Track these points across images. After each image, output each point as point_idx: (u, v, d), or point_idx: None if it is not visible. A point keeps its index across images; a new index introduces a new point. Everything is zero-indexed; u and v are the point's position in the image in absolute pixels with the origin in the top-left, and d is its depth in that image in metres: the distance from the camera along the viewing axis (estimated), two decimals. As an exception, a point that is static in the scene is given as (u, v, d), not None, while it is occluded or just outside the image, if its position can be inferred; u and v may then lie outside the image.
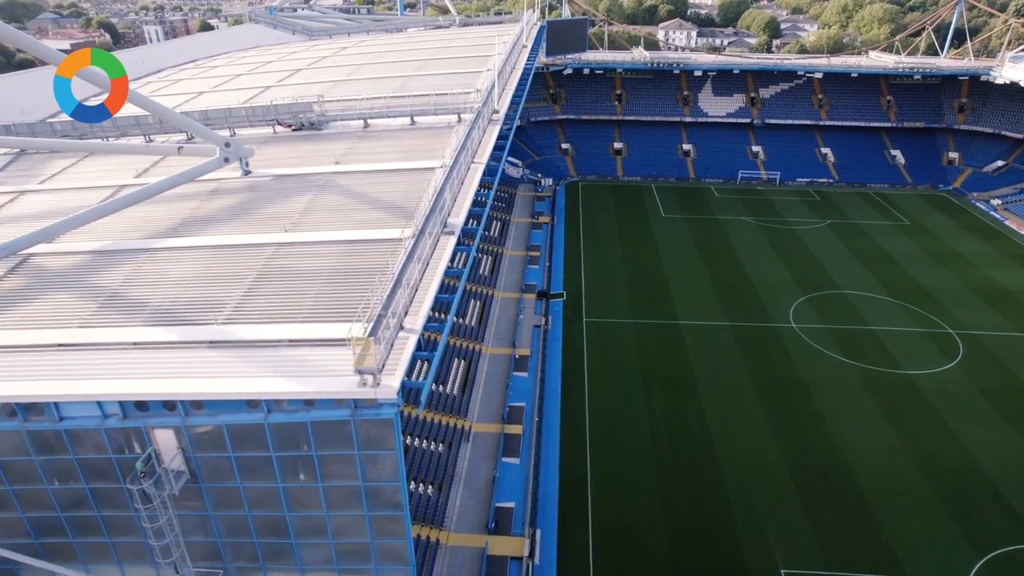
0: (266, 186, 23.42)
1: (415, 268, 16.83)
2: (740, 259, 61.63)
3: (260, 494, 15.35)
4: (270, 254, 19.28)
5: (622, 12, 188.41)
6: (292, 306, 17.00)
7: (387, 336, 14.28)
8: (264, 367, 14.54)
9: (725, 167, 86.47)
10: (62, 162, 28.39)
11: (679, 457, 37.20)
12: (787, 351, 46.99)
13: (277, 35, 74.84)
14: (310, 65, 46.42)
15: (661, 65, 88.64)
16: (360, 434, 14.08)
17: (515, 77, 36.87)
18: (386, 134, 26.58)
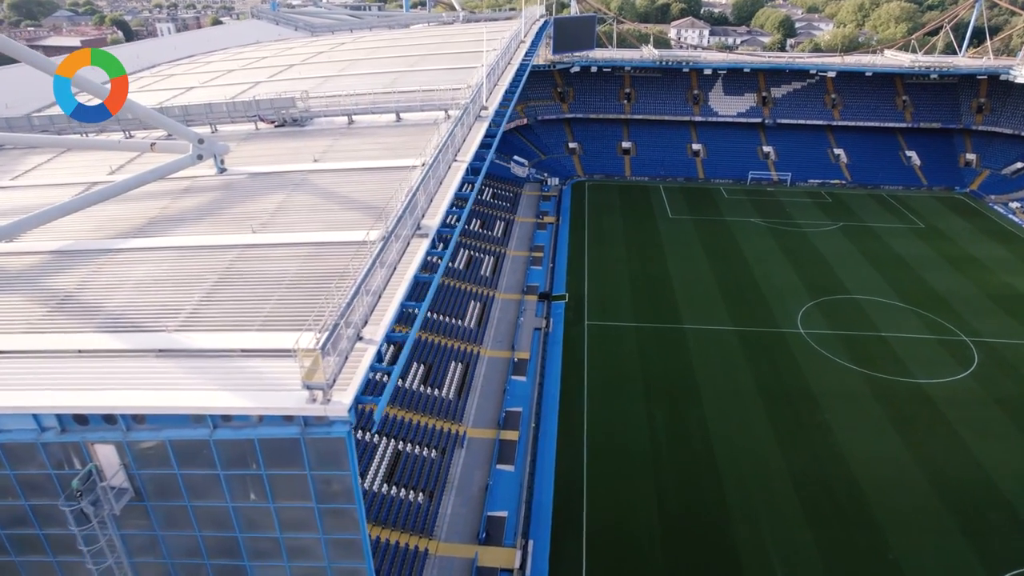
0: (240, 185, 22.56)
1: (380, 274, 15.84)
2: (748, 261, 60.18)
3: (210, 513, 14.44)
4: (234, 256, 18.39)
5: (634, 10, 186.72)
6: (250, 313, 16.07)
7: (342, 348, 13.32)
8: (211, 379, 13.61)
9: (735, 167, 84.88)
10: (38, 158, 27.72)
11: (679, 466, 35.99)
12: (794, 357, 45.59)
13: (279, 31, 74.27)
14: (304, 61, 45.57)
15: (670, 63, 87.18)
16: (311, 453, 13.12)
17: (509, 73, 35.78)
18: (370, 131, 25.66)
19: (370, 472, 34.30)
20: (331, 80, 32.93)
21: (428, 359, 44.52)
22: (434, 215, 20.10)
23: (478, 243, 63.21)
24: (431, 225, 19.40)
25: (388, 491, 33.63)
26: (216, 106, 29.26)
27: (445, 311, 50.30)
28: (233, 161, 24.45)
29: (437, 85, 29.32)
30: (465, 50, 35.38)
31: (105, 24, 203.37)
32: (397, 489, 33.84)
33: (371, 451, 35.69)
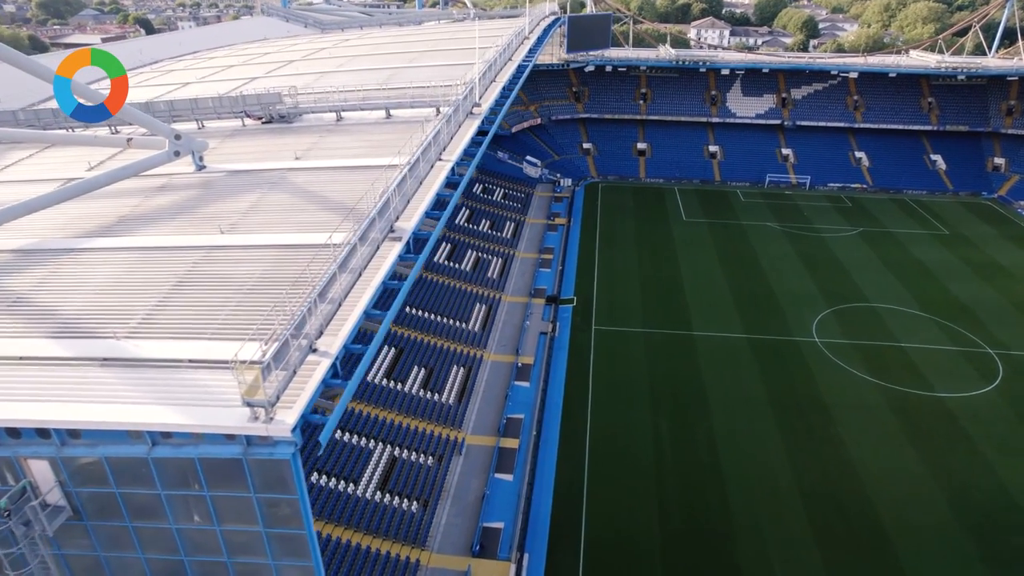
0: (216, 183, 21.78)
1: (342, 280, 14.87)
2: (763, 267, 58.48)
3: (153, 535, 13.58)
4: (198, 259, 17.54)
5: (654, 10, 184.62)
6: (204, 320, 15.17)
7: (292, 361, 12.35)
8: (152, 393, 12.72)
9: (752, 170, 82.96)
10: (20, 153, 27.25)
11: (684, 479, 34.64)
12: (808, 367, 43.93)
13: (288, 28, 73.99)
14: (305, 57, 44.90)
15: (687, 63, 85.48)
16: (255, 475, 12.18)
17: (508, 70, 34.64)
18: (357, 128, 24.78)
19: (363, 479, 33.43)
20: (327, 76, 32.16)
21: (429, 363, 43.59)
22: (410, 217, 19.07)
23: (486, 244, 62.23)
24: (406, 228, 18.38)
25: (381, 499, 32.71)
26: (202, 101, 28.54)
27: (449, 314, 49.36)
28: (215, 158, 23.69)
29: (433, 81, 28.40)
30: (468, 46, 34.40)
31: (128, 23, 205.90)
32: (391, 497, 32.91)
33: (365, 457, 34.83)
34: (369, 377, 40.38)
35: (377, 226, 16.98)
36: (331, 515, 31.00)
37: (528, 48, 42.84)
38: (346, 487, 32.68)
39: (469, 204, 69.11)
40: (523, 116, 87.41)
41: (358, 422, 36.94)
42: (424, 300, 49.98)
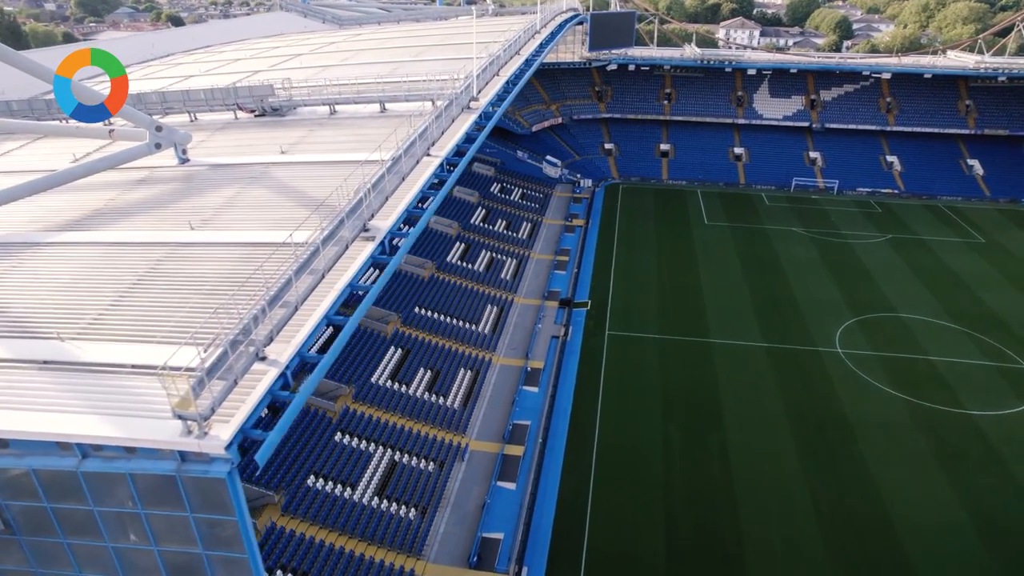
0: (197, 176, 21.05)
1: (304, 282, 13.90)
2: (786, 273, 56.47)
3: (89, 553, 12.76)
4: (163, 256, 16.76)
5: (683, 10, 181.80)
6: (158, 322, 14.31)
7: (237, 368, 11.40)
8: (87, 400, 11.88)
9: (778, 173, 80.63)
10: (11, 144, 26.90)
11: (693, 494, 33.18)
12: (829, 379, 42.04)
13: (305, 23, 73.75)
14: (313, 51, 44.29)
15: (712, 63, 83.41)
16: (190, 493, 11.26)
17: (513, 65, 33.44)
18: (350, 121, 23.94)
19: (361, 483, 32.60)
20: (330, 69, 31.44)
21: (436, 365, 42.68)
22: (387, 216, 18.04)
23: (501, 244, 61.21)
24: (381, 227, 17.34)
25: (379, 505, 31.84)
26: (193, 93, 27.92)
27: (459, 315, 48.42)
28: (201, 151, 23.03)
29: (436, 75, 27.43)
30: (478, 40, 33.44)
31: (161, 20, 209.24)
32: (388, 503, 32.03)
33: (365, 461, 34.00)
34: (374, 379, 39.63)
35: (348, 224, 16.02)
36: (325, 520, 30.20)
37: (539, 43, 41.57)
38: (343, 491, 31.87)
39: (485, 204, 68.19)
40: (544, 115, 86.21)
41: (359, 424, 36.14)
42: (434, 301, 49.11)
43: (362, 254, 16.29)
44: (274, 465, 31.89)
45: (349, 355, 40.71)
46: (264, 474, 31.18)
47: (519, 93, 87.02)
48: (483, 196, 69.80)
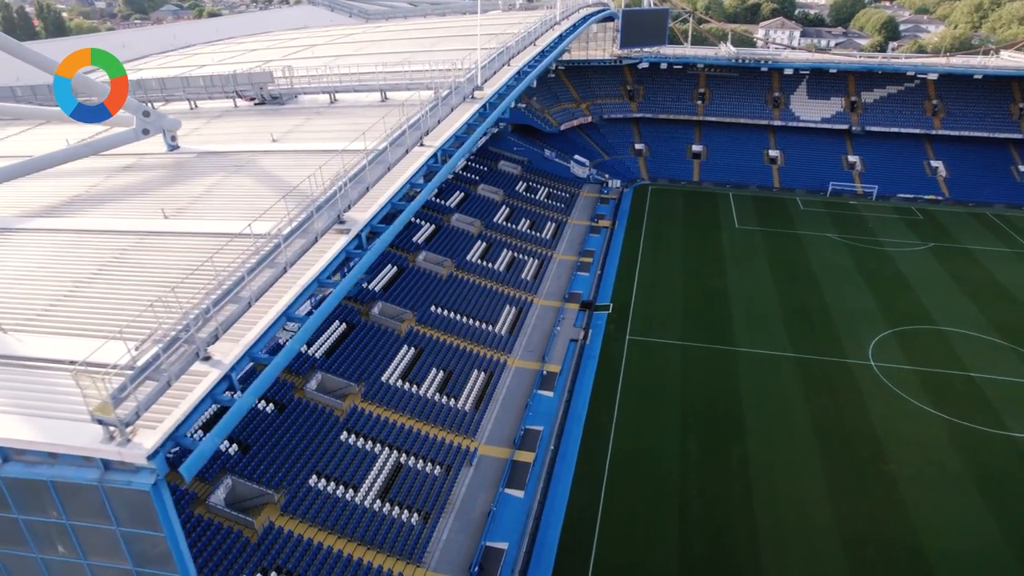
0: (182, 164, 20.39)
1: (263, 276, 12.93)
2: (818, 280, 54.10)
3: (20, 563, 11.97)
4: (129, 244, 16.05)
5: (722, 11, 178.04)
6: (110, 316, 13.50)
7: (173, 369, 10.45)
8: (13, 398, 11.06)
9: (814, 177, 77.77)
10: (14, 129, 26.73)
11: (710, 510, 31.55)
12: (860, 394, 39.85)
13: (332, 17, 73.51)
14: (329, 42, 43.77)
15: (747, 62, 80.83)
16: (115, 505, 10.37)
17: (526, 55, 32.15)
18: (349, 110, 23.09)
19: (364, 485, 31.78)
20: (342, 59, 30.70)
21: (449, 365, 41.73)
22: (366, 208, 17.00)
23: (524, 244, 60.05)
24: (358, 220, 16.30)
25: (381, 508, 30.98)
26: (193, 80, 27.39)
27: (476, 315, 47.42)
28: (193, 139, 22.45)
29: (447, 64, 26.44)
30: (497, 31, 32.38)
31: (203, 17, 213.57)
32: (391, 507, 31.15)
33: (369, 462, 33.20)
34: (384, 378, 38.86)
35: (321, 215, 15.04)
36: (325, 522, 29.43)
37: (557, 34, 40.20)
38: (345, 493, 31.09)
39: (510, 202, 67.12)
40: (573, 114, 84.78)
41: (366, 424, 35.38)
42: (451, 300, 48.20)
43: (333, 247, 15.28)
44: (276, 463, 31.28)
45: (360, 353, 40.03)
46: (265, 472, 30.59)
47: (548, 91, 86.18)
48: (508, 195, 68.75)
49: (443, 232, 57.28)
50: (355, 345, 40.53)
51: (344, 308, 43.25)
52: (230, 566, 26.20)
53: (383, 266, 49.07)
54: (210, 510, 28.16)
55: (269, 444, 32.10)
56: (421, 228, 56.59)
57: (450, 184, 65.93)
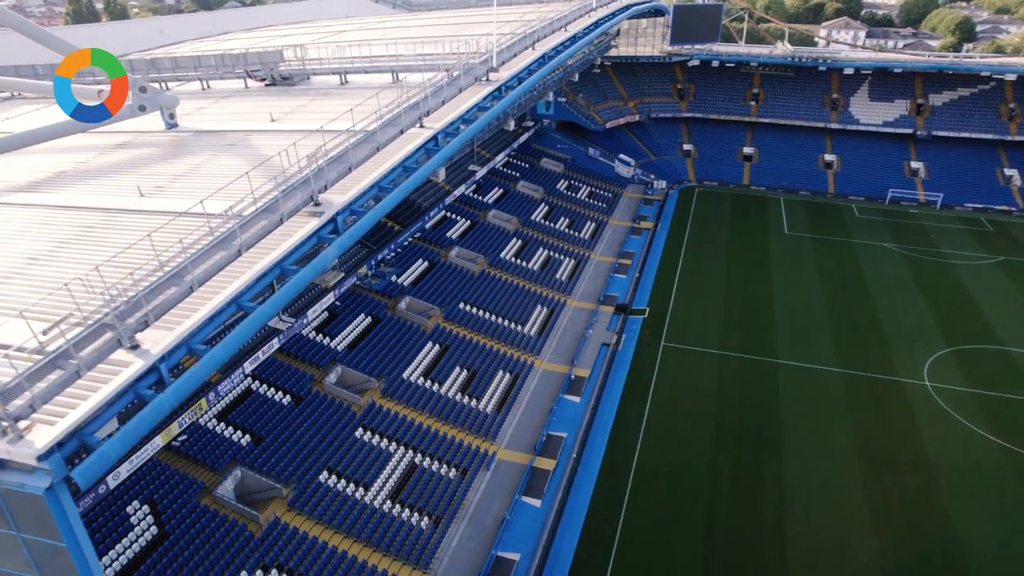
0: (176, 143, 19.71)
1: (214, 259, 11.82)
2: (871, 292, 50.76)
3: None
4: (95, 222, 15.28)
5: (783, 11, 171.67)
6: (48, 296, 12.49)
7: (85, 356, 9.40)
8: None
9: (873, 184, 73.55)
10: (30, 106, 26.78)
11: (738, 534, 29.46)
12: (911, 415, 36.90)
13: (374, 8, 73.13)
14: (361, 28, 43.12)
15: (804, 60, 76.88)
16: (13, 509, 9.35)
17: (553, 39, 30.48)
18: (358, 91, 22.04)
19: (376, 484, 30.91)
20: (368, 44, 29.84)
21: (474, 365, 40.61)
22: (348, 189, 15.76)
23: (561, 243, 58.51)
24: (336, 201, 15.07)
25: (390, 509, 30.05)
26: (204, 59, 26.87)
27: (506, 314, 46.18)
28: (195, 118, 21.86)
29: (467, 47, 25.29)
30: (530, 17, 31.01)
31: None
32: (401, 508, 30.19)
33: (383, 461, 32.34)
34: (406, 374, 38.01)
35: (294, 196, 13.91)
36: (332, 520, 28.67)
37: (593, 20, 38.31)
38: (355, 491, 30.29)
39: (550, 200, 65.69)
40: (620, 112, 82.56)
41: (383, 421, 34.57)
42: (481, 297, 47.10)
43: (301, 231, 14.11)
44: (288, 456, 30.73)
45: (383, 348, 39.30)
46: (276, 465, 30.05)
47: (595, 88, 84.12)
48: (548, 192, 67.33)
49: (478, 228, 56.28)
50: (379, 340, 39.82)
51: (370, 302, 42.64)
52: (231, 560, 25.65)
53: (413, 260, 48.35)
54: (216, 501, 27.74)
55: (282, 437, 31.60)
56: (456, 223, 55.73)
57: (489, 180, 64.90)
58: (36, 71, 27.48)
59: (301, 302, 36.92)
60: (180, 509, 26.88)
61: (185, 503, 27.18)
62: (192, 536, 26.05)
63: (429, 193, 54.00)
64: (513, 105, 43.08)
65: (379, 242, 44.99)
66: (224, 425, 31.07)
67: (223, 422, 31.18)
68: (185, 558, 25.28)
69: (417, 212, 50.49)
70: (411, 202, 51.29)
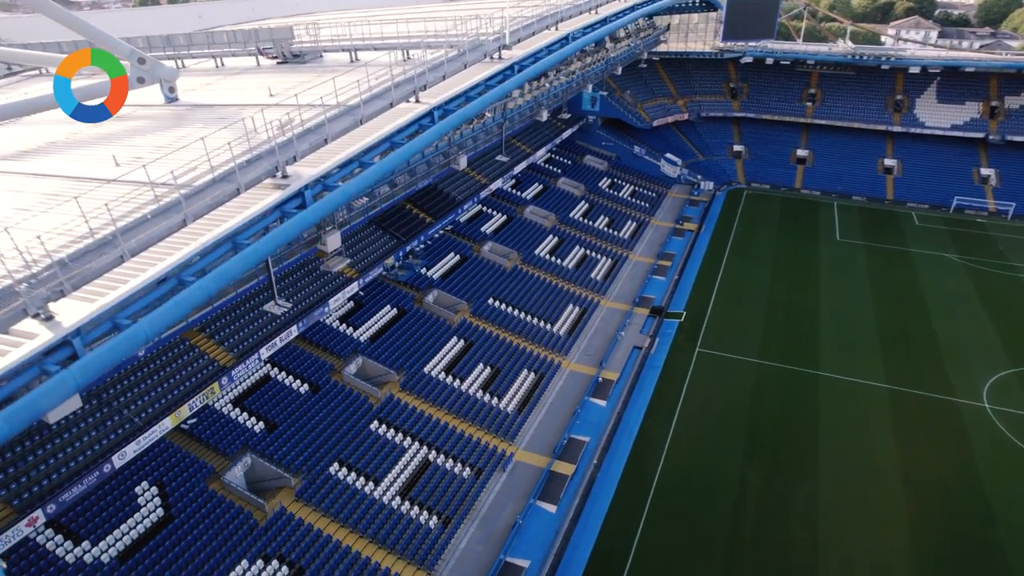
0: (171, 116, 19.21)
1: (158, 227, 10.95)
2: (928, 305, 47.42)
3: None
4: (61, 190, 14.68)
5: (849, 10, 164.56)
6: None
7: None
8: None
9: (937, 191, 69.14)
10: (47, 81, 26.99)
11: (763, 556, 27.56)
12: (967, 440, 34.03)
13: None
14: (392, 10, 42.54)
15: (865, 59, 72.78)
16: None
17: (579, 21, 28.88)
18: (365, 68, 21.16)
19: (386, 479, 30.22)
20: (394, 24, 29.19)
21: (498, 362, 39.58)
22: (318, 163, 14.71)
23: (599, 242, 56.92)
24: (304, 175, 14.00)
25: (399, 506, 29.27)
26: (217, 35, 26.54)
27: (536, 312, 44.98)
28: (200, 94, 21.39)
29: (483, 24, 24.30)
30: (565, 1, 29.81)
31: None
32: (411, 506, 29.37)
33: (396, 455, 31.62)
34: (427, 369, 37.27)
35: (255, 167, 13.00)
36: (339, 514, 28.08)
37: (629, 4, 36.53)
38: (364, 485, 29.63)
39: (590, 198, 64.16)
40: (668, 110, 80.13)
41: (400, 415, 33.86)
42: (512, 294, 46.03)
43: (261, 203, 13.14)
44: (300, 446, 30.31)
45: (407, 340, 38.65)
46: (288, 454, 29.65)
47: (643, 84, 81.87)
48: (589, 190, 65.78)
49: (514, 223, 55.21)
50: (403, 332, 39.19)
51: (397, 293, 42.09)
52: (233, 548, 25.31)
53: (445, 253, 47.64)
54: (224, 487, 27.48)
55: (296, 425, 31.23)
56: (491, 218, 54.81)
57: (528, 175, 63.80)
58: (61, 47, 27.86)
59: (323, 291, 36.59)
60: (187, 493, 26.72)
61: (193, 487, 27.00)
62: (196, 521, 25.83)
63: (464, 186, 53.22)
64: (549, 96, 41.85)
65: (408, 234, 44.41)
66: (239, 411, 30.88)
67: (238, 407, 30.99)
68: (188, 542, 25.06)
69: (450, 204, 49.77)
70: (444, 194, 50.62)
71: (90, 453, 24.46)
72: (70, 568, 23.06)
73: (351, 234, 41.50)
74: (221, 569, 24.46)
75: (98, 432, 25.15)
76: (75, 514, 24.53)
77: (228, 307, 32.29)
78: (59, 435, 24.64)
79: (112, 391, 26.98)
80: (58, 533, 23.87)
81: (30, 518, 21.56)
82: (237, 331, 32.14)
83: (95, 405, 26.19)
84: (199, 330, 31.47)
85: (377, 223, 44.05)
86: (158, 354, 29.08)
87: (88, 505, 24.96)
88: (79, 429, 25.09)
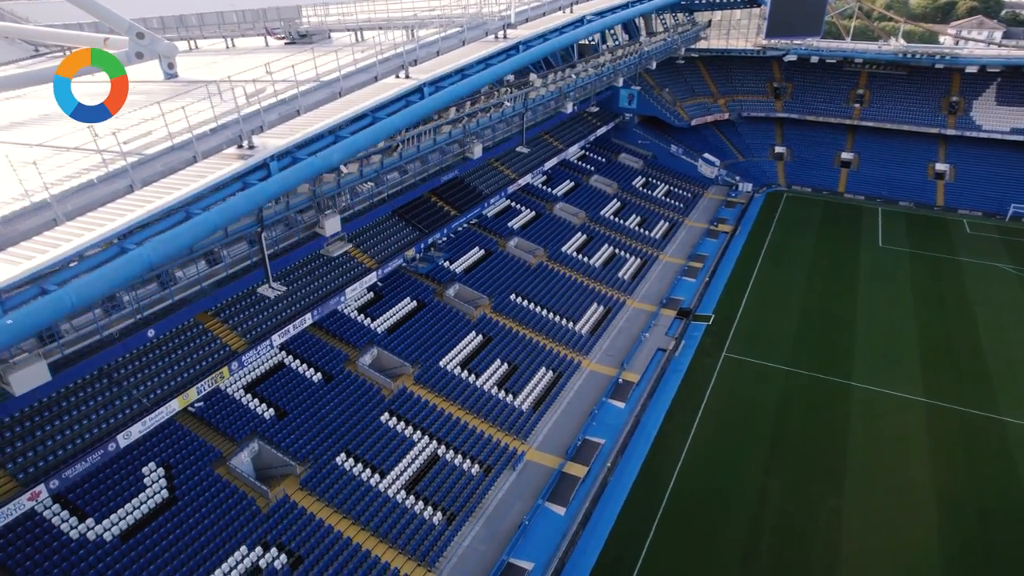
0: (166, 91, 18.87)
1: (94, 194, 10.40)
2: (975, 317, 44.80)
3: None
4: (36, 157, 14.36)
5: (907, 10, 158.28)
6: None
7: None
8: None
9: (992, 198, 65.58)
10: None
11: (779, 573, 26.14)
12: (1012, 461, 31.85)
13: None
14: None
15: (918, 58, 69.36)
16: None
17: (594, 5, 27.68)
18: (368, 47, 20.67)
19: (393, 472, 29.79)
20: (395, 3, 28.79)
21: (516, 359, 38.84)
22: (286, 135, 14.09)
23: (628, 241, 55.65)
24: (269, 145, 13.40)
25: (404, 500, 28.78)
26: (228, 15, 26.50)
27: (559, 310, 44.09)
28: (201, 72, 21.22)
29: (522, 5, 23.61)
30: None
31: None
32: (416, 501, 28.86)
33: (405, 448, 31.18)
34: (443, 363, 36.77)
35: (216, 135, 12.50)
36: (342, 505, 27.76)
37: None
38: (370, 477, 29.25)
39: (623, 196, 62.84)
40: (708, 109, 78.09)
41: (412, 408, 33.42)
42: (535, 290, 45.21)
43: (218, 172, 12.59)
44: (309, 434, 30.13)
45: (425, 333, 38.22)
46: (295, 441, 29.49)
47: (683, 82, 79.99)
48: (622, 188, 64.46)
49: (542, 219, 54.37)
50: (421, 325, 38.80)
51: (418, 286, 41.72)
52: (233, 533, 25.22)
53: (469, 247, 47.12)
54: (230, 471, 27.44)
55: (307, 414, 31.08)
56: (519, 213, 54.08)
57: (559, 172, 62.82)
58: (82, 28, 28.34)
59: (339, 280, 36.42)
60: (193, 476, 26.75)
61: (199, 470, 27.02)
62: (200, 504, 25.82)
63: (491, 180, 52.59)
64: (576, 88, 40.74)
65: (431, 226, 44.02)
66: (250, 397, 30.87)
67: (250, 393, 30.98)
68: (190, 525, 25.06)
69: (476, 198, 49.19)
70: (470, 187, 50.08)
71: (96, 431, 24.63)
72: (73, 543, 23.25)
73: (371, 224, 41.28)
74: (220, 554, 24.36)
75: (105, 411, 25.33)
76: (83, 491, 24.76)
77: (242, 292, 32.34)
78: (67, 412, 24.90)
79: (121, 371, 27.19)
80: (64, 508, 24.11)
81: (32, 492, 21.77)
82: (251, 316, 32.16)
83: (105, 384, 26.42)
84: (213, 314, 31.58)
85: (400, 214, 43.78)
86: (170, 336, 29.24)
87: (96, 483, 25.16)
88: (87, 407, 25.32)
